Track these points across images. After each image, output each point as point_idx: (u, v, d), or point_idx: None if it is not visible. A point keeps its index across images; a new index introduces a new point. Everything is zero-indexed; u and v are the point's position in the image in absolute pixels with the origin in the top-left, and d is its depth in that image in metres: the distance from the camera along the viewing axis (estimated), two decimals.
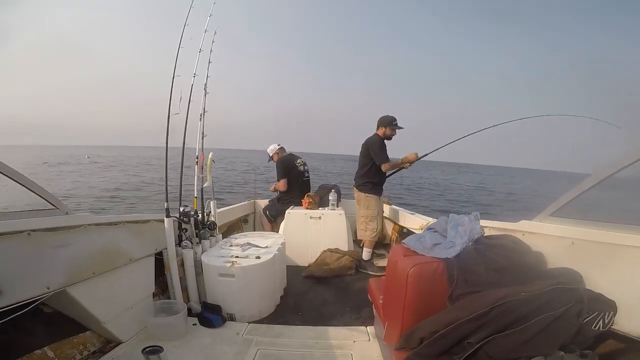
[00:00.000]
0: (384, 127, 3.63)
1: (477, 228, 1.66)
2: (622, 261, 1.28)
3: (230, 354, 1.95)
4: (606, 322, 1.16)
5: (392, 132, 3.65)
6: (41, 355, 1.66)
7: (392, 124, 3.62)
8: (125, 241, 2.14)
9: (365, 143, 3.70)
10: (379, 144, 3.58)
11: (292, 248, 3.66)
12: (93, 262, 1.87)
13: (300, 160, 4.52)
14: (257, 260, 2.51)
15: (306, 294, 3.00)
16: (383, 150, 3.57)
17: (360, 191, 3.71)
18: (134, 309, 2.14)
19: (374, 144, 3.59)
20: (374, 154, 3.56)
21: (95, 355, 1.89)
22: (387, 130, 3.62)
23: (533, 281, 1.35)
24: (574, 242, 1.50)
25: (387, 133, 3.63)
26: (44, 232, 1.61)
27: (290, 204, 4.25)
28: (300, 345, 2.08)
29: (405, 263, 1.49)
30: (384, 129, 3.63)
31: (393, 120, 3.62)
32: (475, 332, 1.21)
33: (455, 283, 1.42)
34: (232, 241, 2.98)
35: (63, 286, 1.68)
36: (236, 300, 2.43)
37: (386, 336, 1.66)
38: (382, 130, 3.65)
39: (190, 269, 2.56)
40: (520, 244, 1.64)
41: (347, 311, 2.62)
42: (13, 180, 1.53)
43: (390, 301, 1.69)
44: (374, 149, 3.57)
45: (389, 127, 3.61)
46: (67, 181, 16.88)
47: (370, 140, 3.67)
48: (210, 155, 2.95)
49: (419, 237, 1.75)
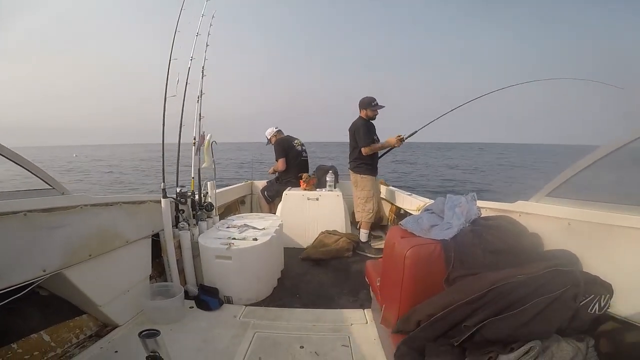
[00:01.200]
0: (365, 109, 3.70)
1: (474, 209, 1.65)
2: (619, 243, 1.28)
3: (227, 337, 1.96)
4: (602, 305, 1.16)
5: (374, 112, 3.72)
6: (37, 339, 1.66)
7: (372, 105, 3.69)
8: (122, 222, 2.12)
9: (351, 127, 3.77)
10: (362, 127, 3.65)
11: (289, 229, 3.68)
12: (89, 244, 1.86)
13: (297, 140, 4.52)
14: (255, 242, 2.50)
15: (303, 276, 3.02)
16: (365, 133, 3.62)
17: (356, 173, 3.76)
18: (131, 292, 2.15)
19: (358, 127, 3.67)
20: (358, 137, 3.65)
21: (92, 339, 1.90)
22: (368, 111, 3.69)
23: (529, 263, 1.35)
24: (570, 223, 1.49)
25: (369, 114, 3.71)
26: (40, 213, 1.58)
27: (289, 184, 4.24)
28: (298, 328, 2.09)
29: (403, 245, 1.48)
30: (365, 110, 3.70)
31: (372, 101, 3.69)
32: (472, 315, 1.21)
33: (452, 265, 1.42)
34: (230, 223, 2.98)
35: (59, 269, 1.66)
36: (233, 283, 2.43)
37: (383, 319, 1.67)
38: (364, 112, 3.72)
39: (187, 251, 2.56)
40: (516, 225, 1.63)
41: (345, 294, 2.63)
42: (9, 160, 1.50)
43: (387, 283, 1.69)
44: (357, 132, 3.66)
45: (369, 108, 3.68)
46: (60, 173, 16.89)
47: (354, 124, 3.74)
48: (209, 137, 2.92)
49: (416, 218, 1.74)
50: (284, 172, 4.38)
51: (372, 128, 3.75)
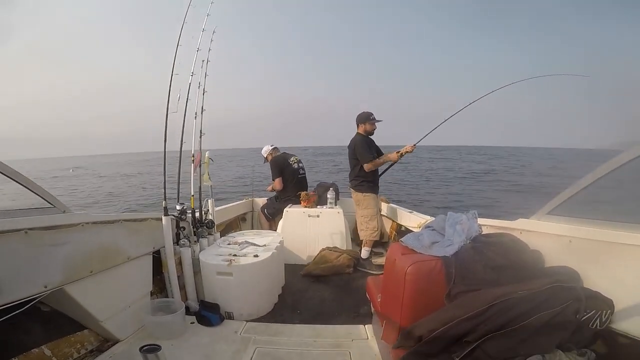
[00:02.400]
0: (363, 123, 3.70)
1: (475, 226, 1.66)
2: (620, 259, 1.29)
3: (228, 353, 1.95)
4: (603, 320, 1.16)
5: (372, 126, 3.72)
6: (39, 353, 1.65)
7: (370, 119, 3.69)
8: (123, 239, 2.13)
9: (350, 144, 3.76)
10: (362, 143, 3.64)
11: (290, 246, 3.67)
12: (91, 260, 1.87)
13: (294, 158, 4.50)
14: (255, 258, 2.51)
15: (304, 292, 3.00)
16: (365, 149, 3.61)
17: (357, 191, 3.74)
18: (132, 307, 2.14)
19: (357, 144, 3.66)
20: (359, 154, 3.63)
21: (93, 354, 1.89)
22: (366, 126, 3.69)
23: (531, 279, 1.36)
24: (571, 240, 1.51)
25: (368, 129, 3.70)
26: (41, 231, 1.60)
27: (288, 202, 4.23)
28: (298, 343, 2.07)
29: (404, 261, 1.49)
30: (363, 125, 3.70)
31: (370, 116, 3.69)
32: (473, 331, 1.21)
33: (453, 281, 1.43)
34: (230, 239, 2.98)
35: (61, 285, 1.67)
36: (234, 299, 2.43)
37: (384, 335, 1.66)
38: (362, 128, 3.71)
39: (188, 268, 2.56)
40: (518, 242, 1.64)
41: (346, 310, 2.62)
42: (10, 179, 1.52)
43: (388, 299, 1.69)
44: (358, 150, 3.64)
45: (367, 122, 3.68)
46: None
47: (353, 141, 3.73)
48: (207, 154, 2.95)
49: (417, 235, 1.75)
50: (282, 191, 4.36)
51: (372, 143, 3.75)
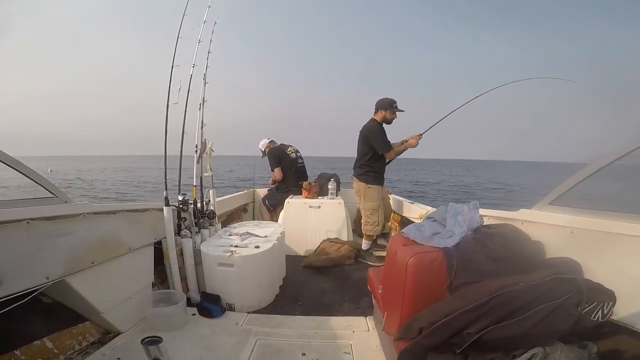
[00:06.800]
0: (384, 110, 3.37)
1: (477, 217, 1.66)
2: (622, 250, 1.28)
3: (229, 344, 1.96)
4: (605, 312, 1.15)
5: (393, 115, 3.40)
6: (40, 345, 1.66)
7: (393, 107, 3.36)
8: (124, 230, 2.13)
9: (363, 131, 3.46)
10: (379, 131, 3.36)
11: (291, 237, 3.66)
12: (92, 251, 1.86)
13: (291, 148, 4.49)
14: (257, 249, 2.51)
15: (305, 283, 3.01)
16: (384, 137, 3.36)
17: (362, 181, 3.53)
18: (133, 299, 2.15)
19: (374, 132, 3.36)
20: (375, 143, 3.34)
21: (94, 346, 1.90)
22: (387, 113, 3.37)
23: (532, 271, 1.35)
24: (573, 231, 1.50)
25: (387, 117, 3.39)
26: (42, 221, 1.59)
27: (289, 192, 4.23)
28: (300, 335, 2.08)
29: (405, 253, 1.48)
30: (383, 112, 3.38)
31: (393, 103, 3.36)
32: (475, 323, 1.21)
33: (455, 273, 1.42)
34: (232, 230, 2.98)
35: (62, 276, 1.67)
36: (235, 290, 2.43)
37: (385, 326, 1.66)
38: (381, 114, 3.40)
39: (190, 259, 2.56)
40: (519, 233, 1.63)
41: (346, 301, 2.63)
42: (12, 168, 1.51)
43: (389, 291, 1.69)
44: (374, 138, 3.35)
45: (389, 110, 3.36)
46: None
47: (368, 127, 3.43)
48: (210, 145, 2.94)
49: (418, 226, 1.74)
50: (283, 182, 4.34)
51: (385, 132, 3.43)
